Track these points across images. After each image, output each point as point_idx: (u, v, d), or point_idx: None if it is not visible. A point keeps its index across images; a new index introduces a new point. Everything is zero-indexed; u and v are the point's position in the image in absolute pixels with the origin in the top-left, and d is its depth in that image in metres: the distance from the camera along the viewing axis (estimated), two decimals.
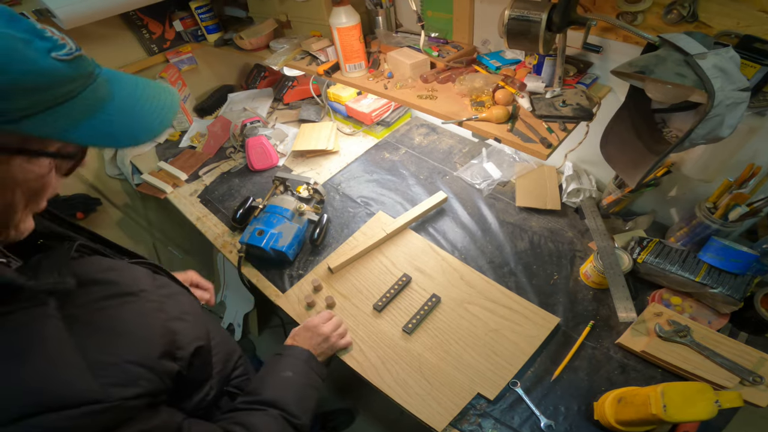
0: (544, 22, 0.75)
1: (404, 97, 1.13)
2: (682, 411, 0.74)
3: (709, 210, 0.98)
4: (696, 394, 0.76)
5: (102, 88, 0.49)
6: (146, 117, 0.51)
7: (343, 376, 1.96)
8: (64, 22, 1.22)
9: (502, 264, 1.19)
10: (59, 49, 0.43)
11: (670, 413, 0.74)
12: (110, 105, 0.49)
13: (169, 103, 0.54)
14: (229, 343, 0.92)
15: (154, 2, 1.44)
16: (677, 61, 0.64)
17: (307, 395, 0.88)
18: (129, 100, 0.50)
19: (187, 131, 1.82)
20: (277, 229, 1.23)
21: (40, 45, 0.42)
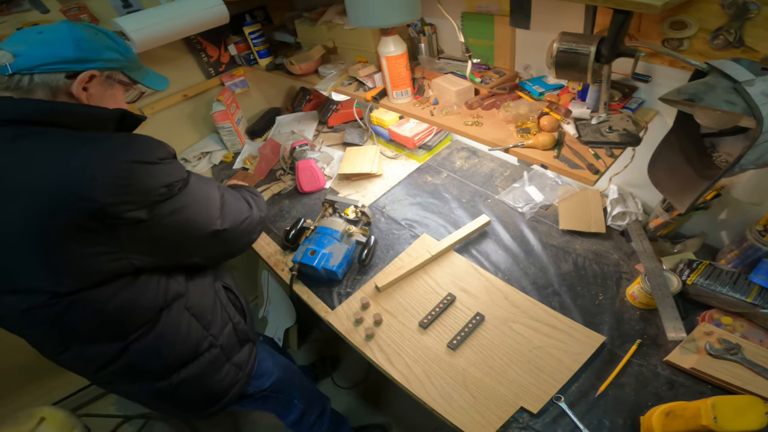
0: (593, 55, 0.79)
1: (451, 124, 1.18)
2: (733, 422, 0.75)
3: (760, 233, 0.98)
4: (746, 406, 0.76)
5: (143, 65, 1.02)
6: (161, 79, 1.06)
7: (377, 392, 1.99)
8: (137, 44, 1.37)
9: (546, 285, 1.21)
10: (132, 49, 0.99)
11: (721, 424, 0.75)
12: (150, 72, 1.04)
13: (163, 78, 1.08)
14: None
15: (214, 27, 1.56)
16: (726, 89, 0.67)
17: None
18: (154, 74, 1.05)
19: (240, 153, 1.92)
20: (328, 250, 1.30)
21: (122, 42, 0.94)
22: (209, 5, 1.47)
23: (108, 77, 0.88)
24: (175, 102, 1.81)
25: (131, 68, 0.94)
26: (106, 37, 0.89)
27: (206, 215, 0.94)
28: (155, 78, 1.04)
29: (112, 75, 0.89)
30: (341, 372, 2.11)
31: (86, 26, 0.86)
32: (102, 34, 0.89)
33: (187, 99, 1.84)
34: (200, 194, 0.93)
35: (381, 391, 1.99)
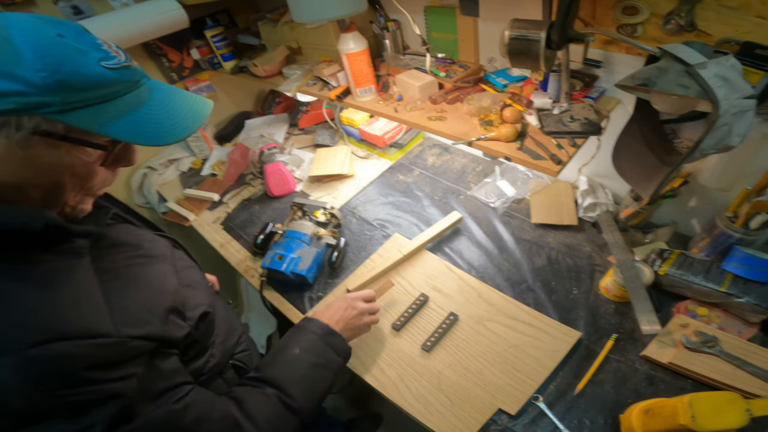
0: (543, 41, 0.76)
1: (414, 120, 1.15)
2: (712, 420, 0.72)
3: (730, 219, 0.96)
4: (726, 403, 0.73)
5: (143, 94, 0.58)
6: (175, 122, 0.60)
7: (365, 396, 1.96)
8: None
9: (520, 281, 1.19)
10: (110, 59, 0.53)
11: (700, 423, 0.72)
12: (145, 108, 0.57)
13: (199, 112, 0.63)
14: (232, 320, 0.95)
15: (172, 32, 1.50)
16: (679, 72, 0.64)
17: (314, 376, 0.84)
18: (162, 106, 0.59)
19: (208, 159, 1.88)
20: (297, 254, 1.26)
21: (94, 55, 0.52)
22: (166, 10, 1.42)
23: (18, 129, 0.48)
24: None
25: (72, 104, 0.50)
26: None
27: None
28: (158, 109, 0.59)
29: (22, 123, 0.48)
30: None
31: None
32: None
33: None
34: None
35: (366, 394, 1.95)
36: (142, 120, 0.56)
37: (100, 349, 0.54)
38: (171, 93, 0.62)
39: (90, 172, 0.57)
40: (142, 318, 0.61)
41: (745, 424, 0.71)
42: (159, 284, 0.69)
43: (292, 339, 0.88)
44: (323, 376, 0.85)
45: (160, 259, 0.73)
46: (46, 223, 0.54)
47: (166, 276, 0.71)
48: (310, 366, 0.84)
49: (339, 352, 0.90)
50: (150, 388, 0.60)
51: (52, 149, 0.52)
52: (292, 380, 0.80)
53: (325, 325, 0.91)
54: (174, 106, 0.61)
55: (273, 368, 0.81)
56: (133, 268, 0.67)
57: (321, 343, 0.88)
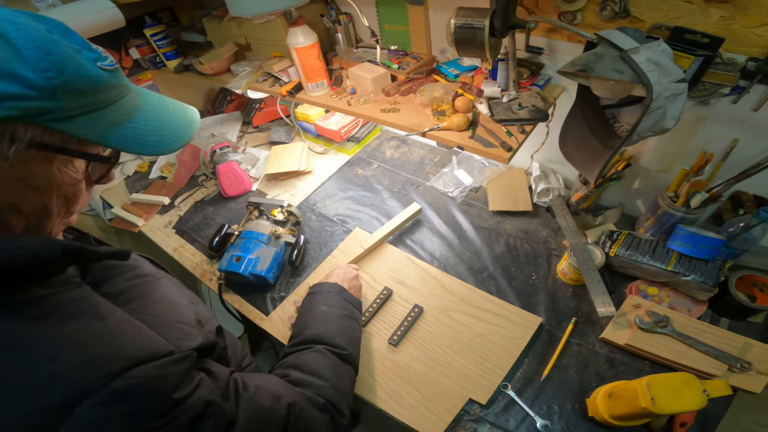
0: (487, 29, 0.76)
1: (368, 113, 1.13)
2: (671, 403, 0.73)
3: (672, 199, 1.00)
4: (682, 384, 0.75)
5: (135, 98, 0.53)
6: (173, 128, 0.55)
7: None
8: None
9: (481, 269, 1.20)
10: (103, 60, 0.49)
11: (659, 405, 0.73)
12: (142, 114, 0.52)
13: (191, 117, 0.59)
14: (230, 335, 0.91)
15: (105, 32, 1.39)
16: (613, 58, 0.66)
17: (347, 325, 0.91)
18: (157, 112, 0.54)
19: (156, 161, 1.79)
20: (255, 254, 1.22)
21: (89, 55, 0.47)
22: (98, 9, 1.33)
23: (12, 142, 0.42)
24: None
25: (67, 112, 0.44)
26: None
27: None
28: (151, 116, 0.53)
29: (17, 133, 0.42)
30: None
31: None
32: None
33: None
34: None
35: None
36: (142, 128, 0.51)
37: (175, 366, 0.51)
38: (158, 98, 0.57)
39: (77, 192, 0.51)
40: (186, 331, 0.58)
41: (703, 405, 0.72)
42: (174, 298, 0.64)
43: (314, 301, 0.95)
44: (353, 325, 0.94)
45: (156, 276, 0.68)
46: (63, 249, 0.47)
47: (173, 291, 0.67)
48: (340, 317, 0.92)
49: (355, 304, 1.00)
50: (219, 390, 0.58)
51: (46, 165, 0.46)
52: (334, 332, 0.86)
53: (335, 284, 1.01)
54: (166, 112, 0.56)
55: (311, 328, 0.86)
56: (139, 288, 0.61)
57: (339, 298, 0.97)
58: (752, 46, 0.75)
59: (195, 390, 0.53)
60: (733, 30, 0.75)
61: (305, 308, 0.94)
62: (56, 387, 0.43)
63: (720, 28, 0.75)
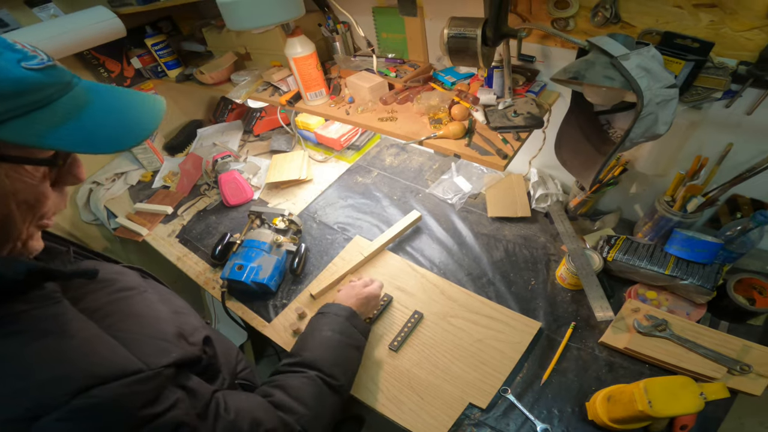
0: (479, 38, 0.77)
1: (366, 121, 1.14)
2: (669, 406, 0.73)
3: (668, 203, 1.01)
4: (679, 388, 0.75)
5: (81, 96, 0.49)
6: (129, 122, 0.51)
7: None
8: None
9: (481, 275, 1.20)
10: (30, 59, 0.45)
11: (657, 409, 0.73)
12: (89, 111, 0.49)
13: (152, 108, 0.55)
14: (225, 341, 0.91)
15: (106, 42, 1.42)
16: (604, 64, 0.67)
17: (348, 355, 0.89)
18: (109, 106, 0.51)
19: (159, 171, 1.81)
20: (257, 263, 1.23)
21: (11, 56, 0.44)
22: (100, 19, 1.35)
23: None
24: None
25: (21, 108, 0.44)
26: None
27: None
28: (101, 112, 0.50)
29: None
30: None
31: None
32: None
33: None
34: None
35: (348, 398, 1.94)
36: (89, 125, 0.48)
37: (142, 385, 0.51)
38: (113, 92, 0.53)
39: (39, 196, 0.50)
40: (160, 347, 0.57)
41: (700, 408, 0.72)
42: (153, 312, 0.64)
43: (320, 323, 0.92)
44: (354, 355, 0.91)
45: (140, 289, 0.67)
46: (28, 271, 0.47)
47: (155, 304, 0.66)
48: (342, 346, 0.88)
49: (362, 332, 0.96)
50: (196, 409, 0.58)
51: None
52: (330, 361, 0.83)
53: (347, 308, 0.97)
54: (121, 106, 0.52)
55: (309, 351, 0.84)
56: (118, 303, 0.60)
57: (347, 324, 0.93)
58: (742, 49, 0.76)
59: (168, 410, 0.53)
60: (723, 34, 0.76)
61: (310, 328, 0.92)
62: (19, 401, 0.44)
63: (710, 32, 0.76)
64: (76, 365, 0.48)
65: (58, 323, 0.50)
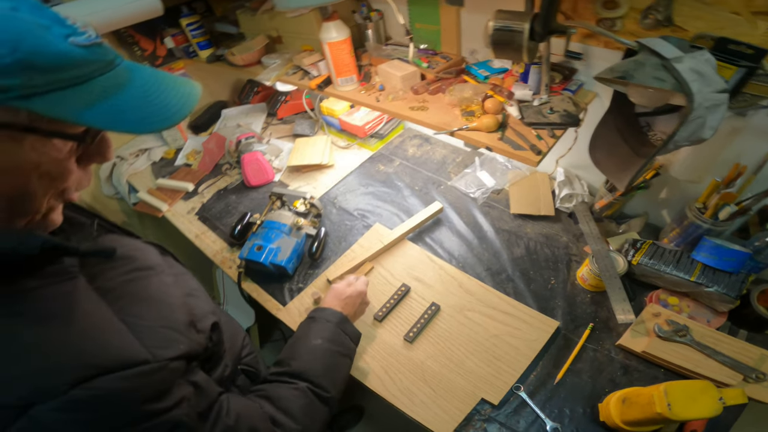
0: (527, 32, 0.77)
1: (396, 109, 1.14)
2: (687, 409, 0.74)
3: (699, 210, 1.00)
4: (699, 392, 0.76)
5: (121, 75, 0.49)
6: (162, 105, 0.51)
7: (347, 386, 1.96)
8: None
9: (500, 271, 1.20)
10: (78, 35, 0.45)
11: (675, 411, 0.74)
12: (126, 91, 0.48)
13: (188, 94, 0.54)
14: (233, 323, 0.91)
15: (144, 20, 1.42)
16: (655, 66, 0.66)
17: (337, 364, 0.86)
18: (146, 88, 0.51)
19: (182, 149, 1.82)
20: (276, 244, 1.24)
21: (59, 30, 0.43)
22: None
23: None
24: None
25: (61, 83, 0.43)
26: None
27: None
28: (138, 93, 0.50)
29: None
30: None
31: None
32: None
33: None
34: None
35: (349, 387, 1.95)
36: (123, 105, 0.47)
37: (146, 378, 0.49)
38: (152, 74, 0.53)
39: (63, 171, 0.49)
40: (169, 337, 0.56)
41: (718, 412, 0.73)
42: (167, 298, 0.62)
43: (310, 329, 0.88)
44: (344, 363, 0.88)
45: (157, 270, 0.65)
46: (43, 246, 0.46)
47: (169, 288, 0.64)
48: (333, 354, 0.85)
49: (353, 338, 0.93)
50: (199, 408, 0.57)
51: (13, 145, 0.43)
52: (320, 371, 0.81)
53: (338, 313, 0.93)
54: (158, 88, 0.51)
55: (298, 361, 0.81)
56: (133, 283, 0.59)
57: (338, 331, 0.90)
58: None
59: (171, 408, 0.52)
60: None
61: (300, 334, 0.89)
62: (15, 387, 0.43)
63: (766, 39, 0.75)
64: (79, 352, 0.47)
65: (67, 304, 0.49)
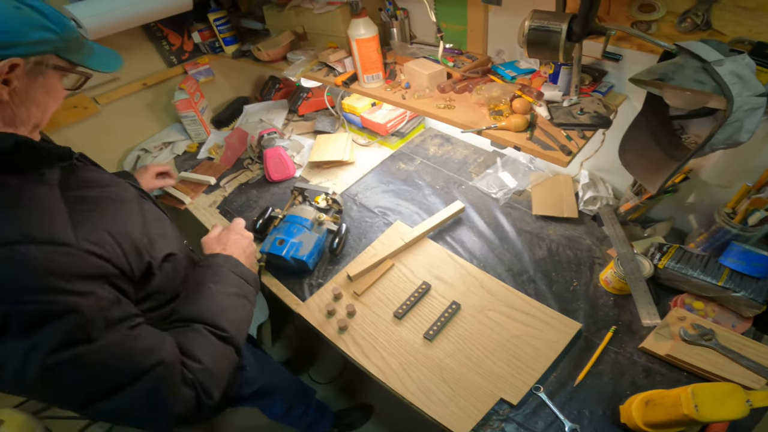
0: (564, 32, 0.77)
1: (423, 107, 1.15)
2: (714, 411, 0.74)
3: (728, 215, 0.99)
4: (726, 394, 0.76)
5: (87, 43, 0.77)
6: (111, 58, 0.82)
7: (355, 386, 1.98)
8: (90, 32, 1.27)
9: (521, 272, 1.20)
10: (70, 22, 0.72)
11: (703, 413, 0.73)
12: (97, 51, 0.79)
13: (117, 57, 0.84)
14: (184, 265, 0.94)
15: (174, 14, 1.48)
16: (695, 68, 0.66)
17: (234, 305, 0.86)
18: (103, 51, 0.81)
19: (205, 143, 1.85)
20: (297, 239, 1.25)
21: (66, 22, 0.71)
22: None
23: (37, 63, 0.67)
24: (133, 91, 1.71)
25: (70, 49, 0.72)
26: (33, 11, 0.66)
27: None
28: (104, 56, 0.80)
29: (43, 60, 0.68)
30: (318, 367, 2.08)
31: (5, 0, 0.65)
32: (28, 7, 0.66)
33: (147, 87, 1.75)
34: None
35: (358, 385, 1.97)
36: (100, 56, 0.78)
37: (61, 257, 0.59)
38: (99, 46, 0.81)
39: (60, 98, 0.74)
40: (104, 239, 0.66)
41: (745, 414, 0.73)
42: (125, 218, 0.74)
43: (202, 276, 0.88)
44: (242, 304, 0.89)
45: (128, 201, 0.79)
46: (15, 143, 0.63)
47: (132, 215, 0.77)
48: (228, 296, 0.86)
49: (249, 280, 0.94)
50: (107, 314, 0.63)
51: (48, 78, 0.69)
52: (216, 312, 0.82)
53: (229, 257, 0.95)
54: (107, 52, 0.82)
55: (193, 306, 0.82)
56: (100, 201, 0.72)
57: (231, 275, 0.91)
58: None
59: (75, 293, 0.59)
60: None
61: (192, 283, 0.87)
62: None
63: None
64: (18, 223, 0.59)
65: (31, 196, 0.63)
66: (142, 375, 0.65)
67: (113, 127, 1.72)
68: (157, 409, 0.68)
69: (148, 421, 0.69)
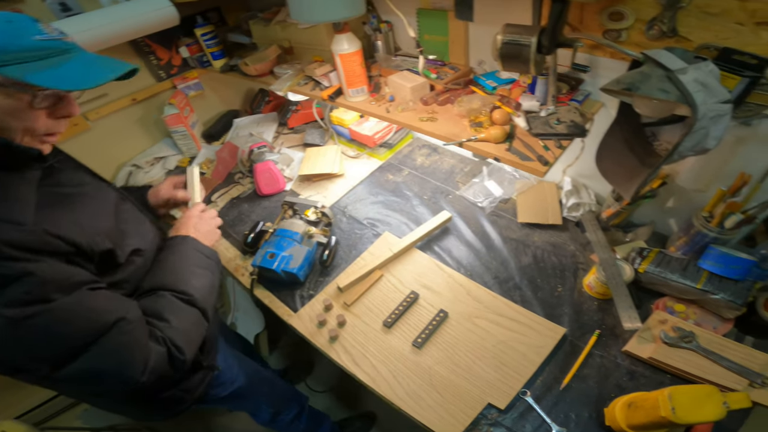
0: (534, 45, 0.79)
1: (406, 120, 1.17)
2: (691, 413, 0.75)
3: (706, 219, 1.01)
4: (704, 396, 0.77)
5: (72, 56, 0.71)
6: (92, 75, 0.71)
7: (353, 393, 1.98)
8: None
9: (507, 279, 1.22)
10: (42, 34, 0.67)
11: (679, 415, 0.75)
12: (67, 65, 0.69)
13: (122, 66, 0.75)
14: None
15: (161, 29, 1.50)
16: (660, 77, 0.68)
17: (196, 272, 0.93)
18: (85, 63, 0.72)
19: (196, 157, 1.86)
20: (288, 252, 1.27)
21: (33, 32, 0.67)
22: (157, 7, 1.41)
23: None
24: (123, 106, 1.73)
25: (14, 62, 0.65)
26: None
27: None
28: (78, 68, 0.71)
29: None
30: (315, 376, 2.08)
31: None
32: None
33: (137, 103, 1.77)
34: None
35: (357, 393, 1.97)
36: (65, 72, 0.68)
37: (17, 233, 0.63)
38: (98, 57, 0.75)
39: (30, 118, 0.69)
40: (64, 226, 0.69)
41: (722, 416, 0.74)
42: (94, 212, 0.78)
43: (163, 255, 0.94)
44: (204, 274, 0.95)
45: (102, 199, 0.84)
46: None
47: (103, 210, 0.82)
48: (188, 266, 0.93)
49: (208, 255, 1.01)
50: (65, 279, 0.67)
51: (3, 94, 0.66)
52: (177, 280, 0.88)
53: (185, 236, 1.00)
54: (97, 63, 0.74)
55: (156, 278, 0.88)
56: (73, 197, 0.77)
57: (190, 249, 0.97)
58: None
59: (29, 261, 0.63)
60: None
61: (154, 262, 0.93)
62: None
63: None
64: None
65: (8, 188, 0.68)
66: (106, 331, 0.70)
67: (104, 144, 1.73)
68: (127, 364, 0.72)
69: (122, 377, 0.72)
